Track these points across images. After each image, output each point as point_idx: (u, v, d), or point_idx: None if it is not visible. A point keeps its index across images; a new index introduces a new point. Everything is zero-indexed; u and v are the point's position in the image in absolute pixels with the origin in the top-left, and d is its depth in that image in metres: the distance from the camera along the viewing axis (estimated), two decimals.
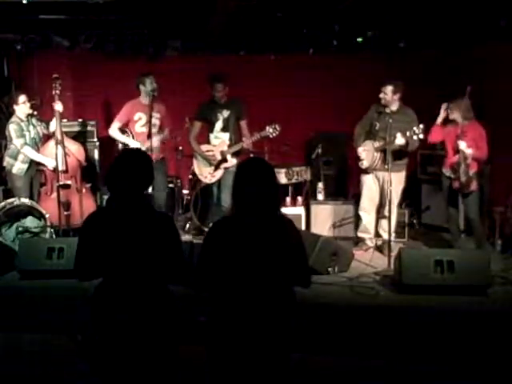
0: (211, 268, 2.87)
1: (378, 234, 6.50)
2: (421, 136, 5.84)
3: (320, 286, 5.31)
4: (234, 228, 2.89)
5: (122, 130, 6.75)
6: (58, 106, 6.34)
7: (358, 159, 6.30)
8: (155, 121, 6.55)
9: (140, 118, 6.57)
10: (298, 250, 2.92)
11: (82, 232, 3.05)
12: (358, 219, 6.68)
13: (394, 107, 6.08)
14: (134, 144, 6.47)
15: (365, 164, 6.26)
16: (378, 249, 6.37)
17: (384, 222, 6.28)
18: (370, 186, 6.35)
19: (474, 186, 5.71)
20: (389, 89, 6.02)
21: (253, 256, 2.83)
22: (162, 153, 6.74)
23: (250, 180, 2.90)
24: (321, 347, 4.42)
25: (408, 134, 5.86)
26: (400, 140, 5.88)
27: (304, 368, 4.08)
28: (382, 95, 6.07)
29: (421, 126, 5.83)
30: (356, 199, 6.79)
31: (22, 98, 6.36)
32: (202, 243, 3.02)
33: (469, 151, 5.62)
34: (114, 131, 6.67)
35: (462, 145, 5.62)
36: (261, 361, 2.85)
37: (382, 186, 6.26)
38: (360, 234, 6.59)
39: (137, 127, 6.61)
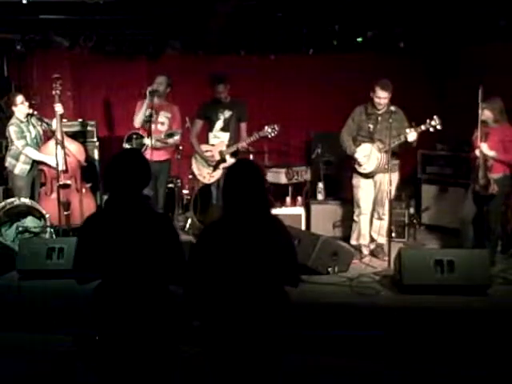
0: (201, 275, 2.87)
1: (370, 238, 6.36)
2: (439, 127, 5.65)
3: (320, 286, 5.31)
4: (223, 230, 2.90)
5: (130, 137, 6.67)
6: (59, 108, 6.32)
7: (357, 165, 6.11)
8: (164, 119, 6.55)
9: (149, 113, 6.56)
10: (287, 249, 2.94)
11: (80, 234, 3.05)
12: (350, 226, 6.48)
13: (392, 107, 5.85)
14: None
15: (368, 169, 6.06)
16: (373, 253, 6.29)
17: (376, 225, 6.23)
18: (368, 190, 6.18)
19: (492, 188, 5.54)
20: (388, 91, 5.84)
21: (243, 257, 2.84)
22: (167, 154, 6.69)
23: (238, 182, 2.92)
24: (321, 347, 4.42)
25: (423, 127, 5.68)
26: (412, 136, 5.71)
27: (304, 368, 4.08)
28: (379, 100, 5.86)
29: (435, 116, 5.65)
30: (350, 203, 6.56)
31: (20, 98, 6.33)
32: (191, 249, 2.99)
33: (491, 153, 5.49)
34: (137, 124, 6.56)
35: (483, 147, 5.48)
36: (254, 361, 2.86)
37: (378, 188, 6.13)
38: (357, 242, 6.34)
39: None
